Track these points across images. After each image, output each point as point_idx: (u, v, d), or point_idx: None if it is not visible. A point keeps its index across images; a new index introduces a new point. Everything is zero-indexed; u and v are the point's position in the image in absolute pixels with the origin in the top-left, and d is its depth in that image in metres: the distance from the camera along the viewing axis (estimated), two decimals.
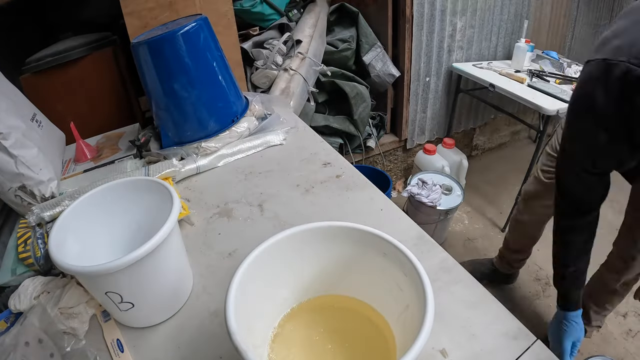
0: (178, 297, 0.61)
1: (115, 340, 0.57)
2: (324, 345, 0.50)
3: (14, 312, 0.59)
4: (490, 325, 0.54)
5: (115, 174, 0.86)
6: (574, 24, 2.29)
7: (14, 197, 0.75)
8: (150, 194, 0.61)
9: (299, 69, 1.46)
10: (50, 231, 0.53)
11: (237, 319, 0.39)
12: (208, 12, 1.02)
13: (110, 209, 0.63)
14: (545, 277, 1.63)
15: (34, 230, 0.70)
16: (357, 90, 1.67)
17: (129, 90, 1.18)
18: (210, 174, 0.92)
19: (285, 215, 0.77)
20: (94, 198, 0.61)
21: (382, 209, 0.76)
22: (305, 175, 0.87)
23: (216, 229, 0.76)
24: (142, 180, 0.63)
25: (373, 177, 1.45)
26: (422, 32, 1.77)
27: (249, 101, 1.04)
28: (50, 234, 0.53)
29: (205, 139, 0.93)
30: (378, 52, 1.75)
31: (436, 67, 1.93)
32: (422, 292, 0.40)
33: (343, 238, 0.49)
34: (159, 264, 0.53)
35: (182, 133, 0.93)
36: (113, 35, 1.19)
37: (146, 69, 0.87)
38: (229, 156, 0.95)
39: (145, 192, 0.62)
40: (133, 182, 0.63)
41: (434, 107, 2.05)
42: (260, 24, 1.63)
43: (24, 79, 1.02)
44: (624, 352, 1.30)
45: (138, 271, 0.50)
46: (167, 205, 0.55)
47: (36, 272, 0.65)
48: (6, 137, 0.71)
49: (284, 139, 0.99)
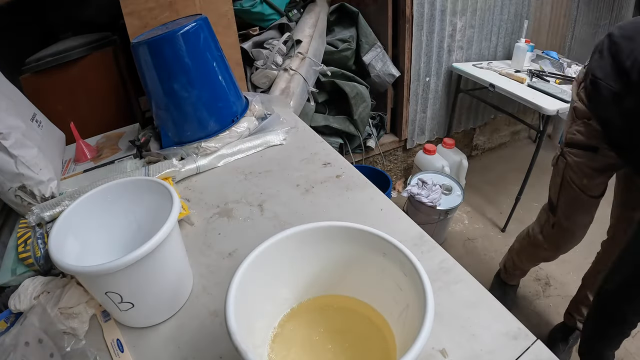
0: (178, 297, 0.61)
1: (115, 340, 0.57)
2: (324, 345, 0.50)
3: (14, 312, 0.59)
4: (490, 325, 0.54)
5: (115, 174, 0.86)
6: (574, 24, 2.29)
7: (14, 197, 0.75)
8: (150, 194, 0.61)
9: (299, 69, 1.46)
10: (50, 231, 0.53)
11: (237, 319, 0.39)
12: (208, 12, 1.02)
13: (110, 209, 0.63)
14: (545, 277, 1.63)
15: (34, 230, 0.70)
16: (357, 90, 1.67)
17: (129, 90, 1.18)
18: (210, 174, 0.92)
19: (285, 215, 0.77)
20: (94, 198, 0.61)
21: (382, 209, 0.76)
22: (305, 175, 0.87)
23: (216, 229, 0.76)
24: (142, 180, 0.63)
25: (373, 177, 1.45)
26: (422, 32, 1.77)
27: (249, 101, 1.04)
28: (50, 234, 0.53)
29: (205, 139, 0.93)
30: (378, 52, 1.75)
31: (436, 67, 1.93)
32: (422, 292, 0.40)
33: (343, 238, 0.49)
34: (159, 264, 0.53)
35: (182, 133, 0.93)
36: (113, 35, 1.19)
37: (146, 69, 0.87)
38: (229, 156, 0.95)
39: (145, 192, 0.62)
40: (133, 182, 0.63)
41: (434, 107, 2.05)
42: (260, 24, 1.63)
43: (24, 79, 1.02)
44: (624, 352, 1.30)
45: (138, 271, 0.50)
46: (167, 205, 0.55)
47: (36, 272, 0.65)
48: (6, 137, 0.71)
49: (284, 139, 0.99)
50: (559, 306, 1.46)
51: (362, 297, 0.53)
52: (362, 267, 0.50)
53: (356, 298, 0.54)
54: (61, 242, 0.53)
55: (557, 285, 1.57)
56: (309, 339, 0.50)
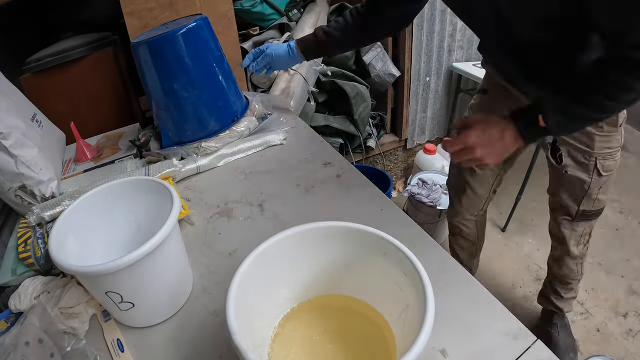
0: (178, 296, 0.61)
1: (115, 340, 0.57)
2: (324, 345, 0.50)
3: (14, 312, 0.59)
4: (490, 325, 0.54)
5: (116, 174, 0.86)
6: None
7: (14, 197, 0.75)
8: (151, 194, 0.62)
9: (299, 68, 1.46)
10: (50, 231, 0.53)
11: (238, 319, 0.39)
12: (208, 12, 1.02)
13: (111, 208, 0.63)
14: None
15: (34, 230, 0.70)
16: (357, 90, 1.67)
17: (129, 90, 1.18)
18: (210, 174, 0.92)
19: (285, 215, 0.77)
20: (94, 198, 0.61)
21: (382, 209, 0.76)
22: (305, 175, 0.87)
23: (216, 228, 0.76)
24: (142, 180, 0.63)
25: (373, 177, 1.45)
26: (422, 31, 1.77)
27: (249, 101, 1.04)
28: (51, 234, 0.53)
29: (206, 138, 0.93)
30: (378, 51, 1.75)
31: (436, 67, 1.93)
32: (422, 292, 0.40)
33: (343, 238, 0.49)
34: (159, 263, 0.53)
35: (182, 133, 0.93)
36: (113, 35, 1.19)
37: (146, 68, 0.87)
38: (229, 156, 0.95)
39: (146, 191, 0.62)
40: (133, 182, 0.63)
41: (434, 106, 2.05)
42: (260, 23, 1.63)
43: (24, 79, 1.02)
44: (624, 352, 1.30)
45: (138, 271, 0.50)
46: (167, 204, 0.55)
47: (36, 272, 0.65)
48: (6, 137, 0.71)
49: (284, 139, 0.99)
50: None
51: (362, 297, 0.53)
52: (362, 267, 0.50)
53: (356, 298, 0.54)
54: (61, 242, 0.53)
55: None
56: (309, 338, 0.50)
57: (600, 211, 1.00)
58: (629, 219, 1.75)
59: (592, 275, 1.53)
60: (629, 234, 1.68)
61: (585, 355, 1.26)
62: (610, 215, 1.78)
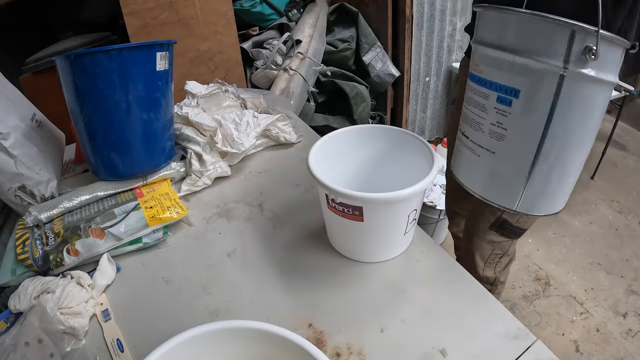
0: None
1: (115, 340, 0.57)
2: None
3: (14, 312, 0.58)
4: (490, 325, 0.54)
5: None
6: None
7: (13, 197, 0.75)
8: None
9: (298, 69, 1.46)
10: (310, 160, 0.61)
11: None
12: (208, 12, 1.02)
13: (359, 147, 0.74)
14: (545, 277, 1.62)
15: (32, 231, 0.70)
16: (357, 90, 1.67)
17: None
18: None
19: (285, 215, 0.77)
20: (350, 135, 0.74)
21: None
22: (305, 175, 0.87)
23: (216, 228, 0.75)
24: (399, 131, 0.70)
25: None
26: (422, 32, 1.78)
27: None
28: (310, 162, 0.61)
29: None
30: (378, 52, 1.76)
31: (436, 67, 1.93)
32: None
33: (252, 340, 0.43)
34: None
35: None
36: (113, 35, 1.19)
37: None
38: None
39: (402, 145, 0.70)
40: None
41: (433, 107, 2.05)
42: (260, 24, 1.63)
43: (24, 79, 1.02)
44: (624, 352, 1.30)
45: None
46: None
47: (35, 272, 0.65)
48: (6, 137, 0.71)
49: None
50: (559, 306, 1.46)
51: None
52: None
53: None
54: (323, 171, 0.58)
55: (557, 285, 1.57)
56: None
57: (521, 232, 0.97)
58: (629, 219, 1.75)
59: (592, 275, 1.53)
60: (628, 234, 1.68)
61: (585, 355, 1.26)
62: (610, 215, 1.78)
